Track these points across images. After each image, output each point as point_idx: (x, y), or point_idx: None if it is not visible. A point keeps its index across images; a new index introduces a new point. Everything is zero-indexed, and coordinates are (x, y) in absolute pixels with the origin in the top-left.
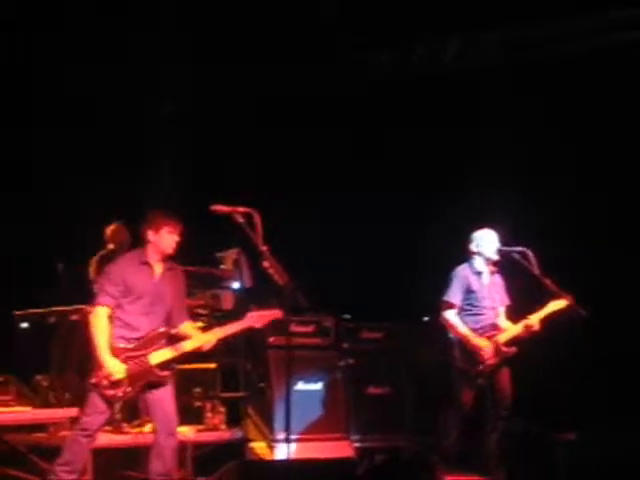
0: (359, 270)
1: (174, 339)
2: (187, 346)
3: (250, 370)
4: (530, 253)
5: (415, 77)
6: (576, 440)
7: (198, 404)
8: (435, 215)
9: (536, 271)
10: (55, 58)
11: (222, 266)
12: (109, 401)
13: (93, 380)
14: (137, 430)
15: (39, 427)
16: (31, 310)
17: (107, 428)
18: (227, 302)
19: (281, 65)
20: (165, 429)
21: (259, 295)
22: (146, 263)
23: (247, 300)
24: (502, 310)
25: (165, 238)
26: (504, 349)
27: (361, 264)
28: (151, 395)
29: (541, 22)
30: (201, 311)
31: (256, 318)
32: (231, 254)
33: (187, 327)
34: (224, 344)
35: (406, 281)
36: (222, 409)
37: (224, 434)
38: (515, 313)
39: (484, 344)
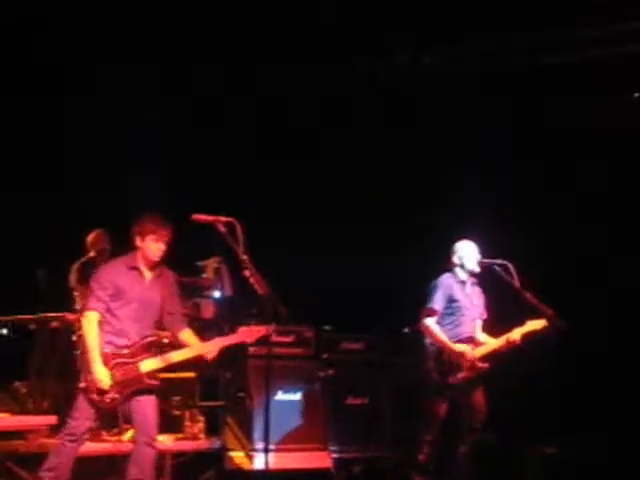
0: (340, 281)
1: (166, 347)
2: (178, 356)
3: (229, 379)
4: (511, 266)
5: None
6: (556, 453)
7: (177, 413)
8: (418, 227)
9: (517, 284)
10: None
11: (203, 275)
12: (97, 407)
13: (82, 384)
14: (116, 438)
15: (17, 434)
16: (11, 316)
17: (85, 436)
18: (207, 311)
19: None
20: (145, 437)
21: (239, 304)
22: (135, 268)
23: (227, 309)
24: (479, 323)
25: (150, 246)
26: (478, 364)
27: (342, 275)
28: (136, 402)
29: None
30: None
31: (247, 333)
32: (212, 263)
33: (186, 334)
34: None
35: (387, 292)
36: (201, 418)
37: (203, 443)
38: (493, 326)
39: (464, 347)
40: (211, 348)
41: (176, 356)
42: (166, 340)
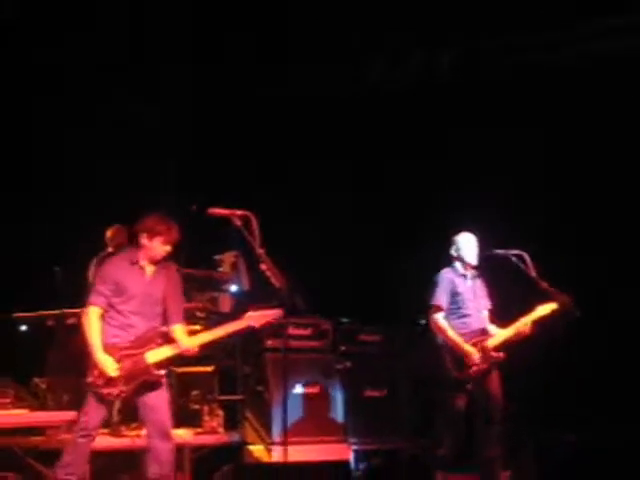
0: (357, 273)
1: (170, 338)
2: (187, 344)
3: (248, 373)
4: (527, 256)
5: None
6: (577, 441)
7: (196, 407)
8: (434, 218)
9: (533, 274)
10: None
11: (220, 269)
12: (105, 400)
13: (89, 379)
14: (135, 433)
15: (36, 430)
16: (30, 313)
17: (105, 431)
18: (225, 305)
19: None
20: (159, 433)
21: (257, 298)
22: (137, 263)
23: (245, 303)
24: (486, 314)
25: (157, 247)
26: (493, 354)
27: (359, 267)
28: (146, 398)
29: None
30: (199, 314)
31: (255, 318)
32: (229, 257)
33: (176, 329)
34: (222, 347)
35: (404, 284)
36: (220, 412)
37: (222, 437)
38: (506, 316)
39: (472, 351)
40: (221, 334)
41: (184, 345)
42: None
